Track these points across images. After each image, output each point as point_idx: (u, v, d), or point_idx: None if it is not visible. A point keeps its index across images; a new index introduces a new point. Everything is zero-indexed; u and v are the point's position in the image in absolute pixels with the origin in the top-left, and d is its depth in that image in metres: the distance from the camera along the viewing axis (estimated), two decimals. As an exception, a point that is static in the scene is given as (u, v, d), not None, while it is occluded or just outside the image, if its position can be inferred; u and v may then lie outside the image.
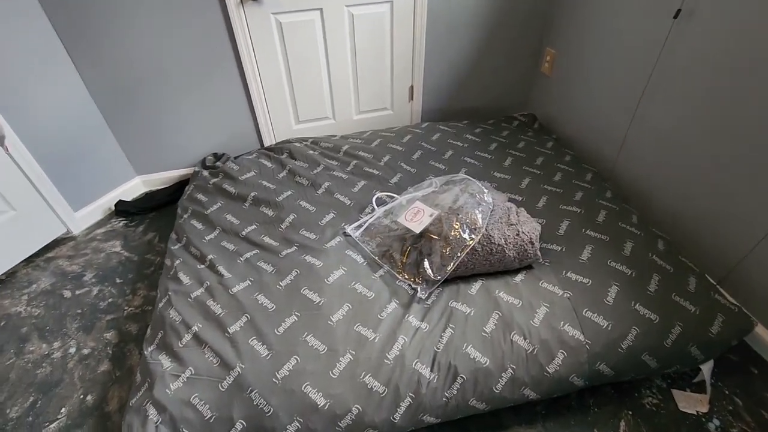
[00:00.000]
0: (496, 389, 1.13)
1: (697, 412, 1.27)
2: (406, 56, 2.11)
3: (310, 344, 1.16)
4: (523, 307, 1.23)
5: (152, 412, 1.08)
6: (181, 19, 1.77)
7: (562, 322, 1.19)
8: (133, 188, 2.15)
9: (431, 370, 1.12)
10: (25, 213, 1.74)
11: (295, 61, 1.98)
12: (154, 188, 2.21)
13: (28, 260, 1.82)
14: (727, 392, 1.31)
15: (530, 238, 1.31)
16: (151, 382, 1.14)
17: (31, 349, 1.49)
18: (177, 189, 2.14)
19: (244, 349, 1.16)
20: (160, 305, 1.35)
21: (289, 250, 1.44)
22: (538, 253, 1.33)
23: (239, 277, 1.36)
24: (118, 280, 1.73)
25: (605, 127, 1.89)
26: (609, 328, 1.18)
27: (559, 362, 1.15)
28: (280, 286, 1.32)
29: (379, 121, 2.31)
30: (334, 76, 2.08)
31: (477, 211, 1.31)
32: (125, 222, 2.02)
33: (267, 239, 1.51)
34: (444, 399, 1.12)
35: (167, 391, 1.11)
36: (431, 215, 1.38)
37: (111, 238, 1.93)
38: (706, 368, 1.28)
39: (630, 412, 1.27)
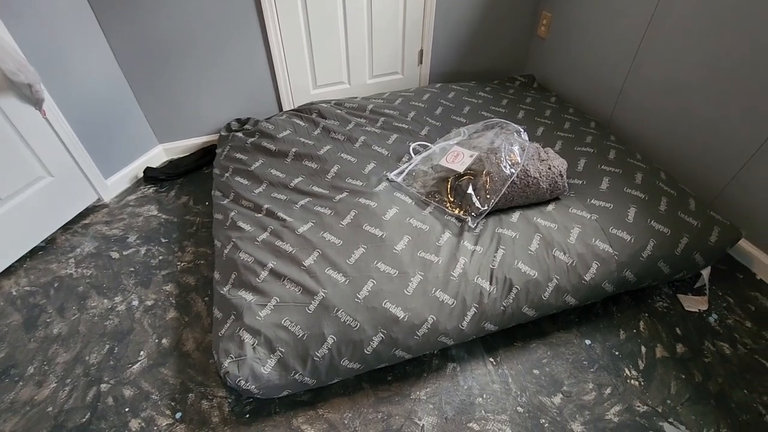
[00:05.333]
0: (544, 297, 1.32)
1: (699, 310, 1.52)
2: (417, 20, 2.23)
3: (381, 270, 1.30)
4: (559, 229, 1.42)
5: (247, 336, 1.19)
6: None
7: (593, 239, 1.39)
8: (155, 156, 2.17)
9: (490, 284, 1.29)
10: (61, 179, 1.75)
11: (316, 25, 2.05)
12: (175, 156, 2.24)
13: (65, 227, 1.84)
14: (720, 294, 1.57)
15: (560, 172, 1.50)
16: (237, 314, 1.24)
17: (93, 305, 1.54)
18: (201, 156, 2.19)
19: (323, 278, 1.28)
20: (226, 251, 1.44)
21: (341, 195, 1.56)
22: (566, 185, 1.52)
23: (301, 220, 1.47)
24: (163, 240, 1.78)
25: (603, 81, 2.10)
26: (632, 241, 1.39)
27: (594, 271, 1.35)
28: (342, 224, 1.44)
29: (390, 85, 2.43)
30: (350, 41, 2.17)
31: (515, 148, 1.47)
32: (155, 188, 2.06)
33: (316, 188, 1.62)
34: (502, 308, 1.29)
35: (257, 318, 1.22)
36: (471, 156, 1.53)
37: (145, 203, 1.96)
38: (706, 272, 1.53)
39: (646, 314, 1.51)
